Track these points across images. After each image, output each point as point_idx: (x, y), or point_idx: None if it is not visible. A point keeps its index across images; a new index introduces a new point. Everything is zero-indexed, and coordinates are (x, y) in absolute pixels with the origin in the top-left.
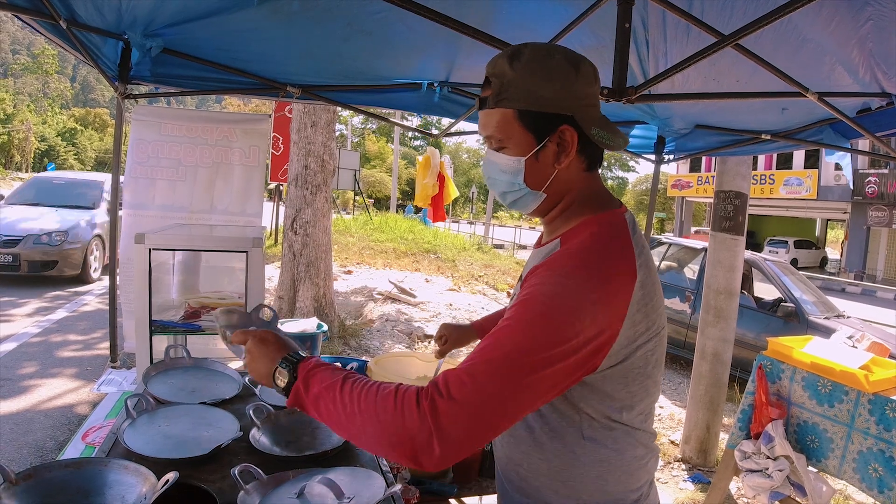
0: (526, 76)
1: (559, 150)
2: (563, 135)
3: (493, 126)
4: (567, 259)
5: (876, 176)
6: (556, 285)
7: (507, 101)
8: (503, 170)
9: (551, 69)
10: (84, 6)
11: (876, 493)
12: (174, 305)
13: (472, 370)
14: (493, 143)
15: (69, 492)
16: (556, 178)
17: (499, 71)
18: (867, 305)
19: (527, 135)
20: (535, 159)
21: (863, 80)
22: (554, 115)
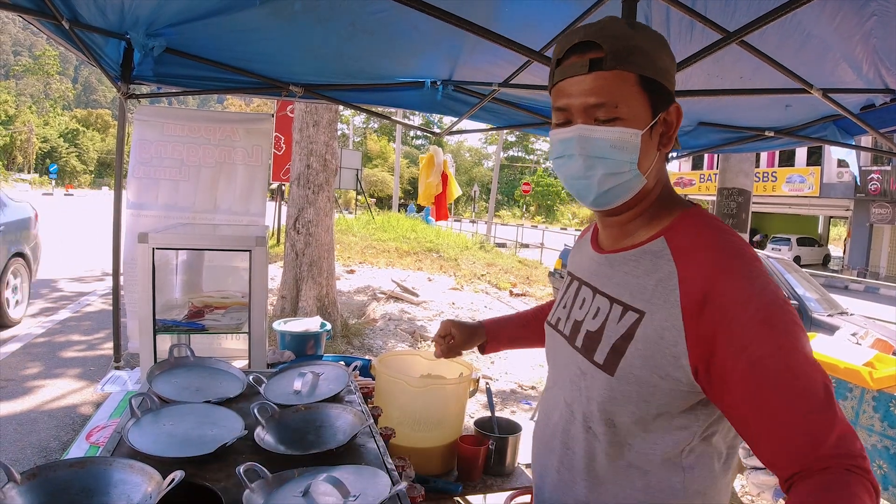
0: (650, 42)
1: (664, 131)
2: (669, 113)
3: (609, 91)
4: (738, 260)
5: (879, 173)
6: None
7: (633, 63)
8: (615, 145)
9: (664, 42)
10: (87, 6)
11: (880, 489)
12: (178, 305)
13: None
14: (601, 113)
15: (73, 491)
16: (654, 165)
17: (615, 32)
18: (870, 303)
19: (645, 105)
20: (649, 136)
21: (867, 76)
22: (667, 90)
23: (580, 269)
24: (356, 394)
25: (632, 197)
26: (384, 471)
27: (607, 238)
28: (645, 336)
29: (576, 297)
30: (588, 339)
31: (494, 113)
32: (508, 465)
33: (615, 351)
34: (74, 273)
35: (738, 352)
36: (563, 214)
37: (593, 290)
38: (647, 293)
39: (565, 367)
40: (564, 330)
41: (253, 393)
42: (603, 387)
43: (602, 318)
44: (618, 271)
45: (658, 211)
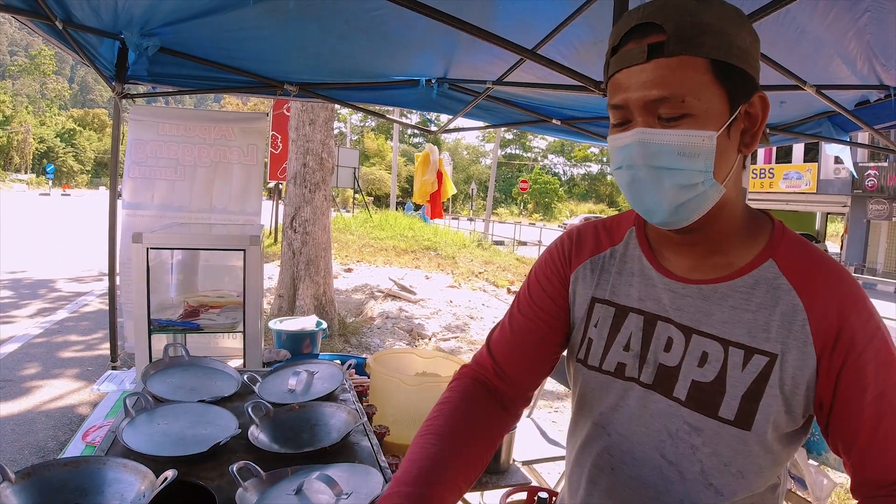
0: (723, 17)
1: (745, 128)
2: (753, 106)
3: (675, 83)
4: (854, 290)
5: (875, 169)
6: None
7: (702, 46)
8: (684, 151)
9: (742, 15)
10: (80, 7)
11: None
12: (173, 304)
13: None
14: (665, 110)
15: (68, 490)
16: (735, 169)
17: (679, 9)
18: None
19: (722, 97)
20: (727, 136)
21: (861, 72)
22: (749, 76)
23: (639, 300)
24: (350, 392)
25: (710, 211)
26: (377, 469)
27: (679, 261)
28: (781, 381)
29: (649, 337)
30: (701, 392)
31: (490, 111)
32: (503, 463)
33: (747, 402)
34: (72, 273)
35: (864, 386)
36: (560, 212)
37: (686, 330)
38: (771, 330)
39: (651, 420)
40: (642, 377)
41: (247, 392)
42: (735, 443)
43: (717, 365)
44: (722, 306)
45: (748, 226)
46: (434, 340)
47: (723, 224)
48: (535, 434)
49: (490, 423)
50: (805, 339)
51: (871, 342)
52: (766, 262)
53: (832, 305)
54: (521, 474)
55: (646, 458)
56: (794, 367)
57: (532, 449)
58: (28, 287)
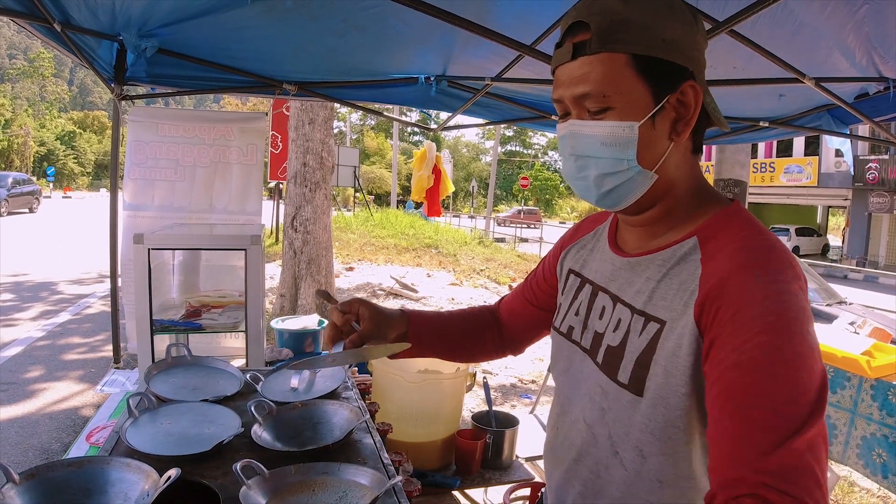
0: (645, 12)
1: (677, 117)
2: (684, 95)
3: (596, 79)
4: (765, 259)
5: (876, 162)
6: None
7: (620, 42)
8: (606, 142)
9: (673, 6)
10: (78, 8)
11: (880, 478)
12: (175, 305)
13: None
14: (590, 105)
15: (72, 490)
16: (668, 156)
17: (602, 8)
18: (869, 292)
19: (643, 90)
20: (652, 126)
21: (860, 64)
22: (677, 67)
23: (595, 272)
24: (353, 390)
25: (643, 195)
26: (381, 465)
27: (631, 240)
28: (665, 349)
29: (591, 305)
30: (609, 355)
31: (489, 108)
32: (506, 459)
33: (639, 367)
34: (74, 275)
35: (729, 351)
36: (561, 208)
37: (613, 299)
38: (669, 300)
39: (583, 383)
40: (583, 342)
41: (250, 391)
42: (629, 409)
43: (623, 330)
44: (640, 276)
45: (690, 209)
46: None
47: (667, 206)
48: (538, 430)
49: (484, 334)
50: (691, 303)
51: (749, 308)
52: (690, 238)
53: (722, 267)
54: (525, 470)
55: (575, 419)
56: (678, 334)
57: (535, 445)
58: (30, 290)
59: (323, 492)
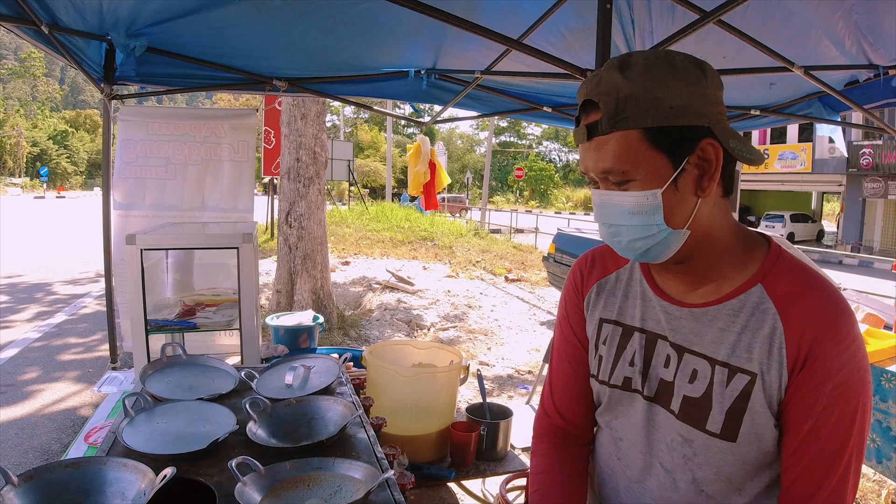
0: (648, 84)
1: (700, 173)
2: (704, 152)
3: (613, 157)
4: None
5: (870, 147)
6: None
7: (629, 120)
8: (633, 210)
9: (676, 70)
10: (65, 10)
11: (874, 462)
12: (169, 304)
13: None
14: (612, 178)
15: (70, 491)
16: (698, 210)
17: (608, 87)
18: (865, 277)
19: (660, 158)
20: (675, 189)
21: (849, 52)
22: (690, 129)
23: (642, 319)
24: (347, 385)
25: (680, 249)
26: (374, 459)
27: (677, 286)
28: (762, 398)
29: (650, 353)
30: (690, 406)
31: (481, 100)
32: (500, 450)
33: (732, 417)
34: (68, 276)
35: (809, 412)
36: (556, 198)
37: (678, 349)
38: (755, 352)
39: (660, 433)
40: (646, 391)
41: (245, 388)
42: (723, 454)
43: (704, 382)
44: (710, 327)
45: (737, 253)
46: (433, 331)
47: (708, 255)
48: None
49: (578, 466)
50: (782, 359)
51: (835, 375)
52: (754, 287)
53: (809, 329)
54: (520, 461)
55: (648, 465)
56: (773, 385)
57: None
58: (25, 291)
59: (317, 486)
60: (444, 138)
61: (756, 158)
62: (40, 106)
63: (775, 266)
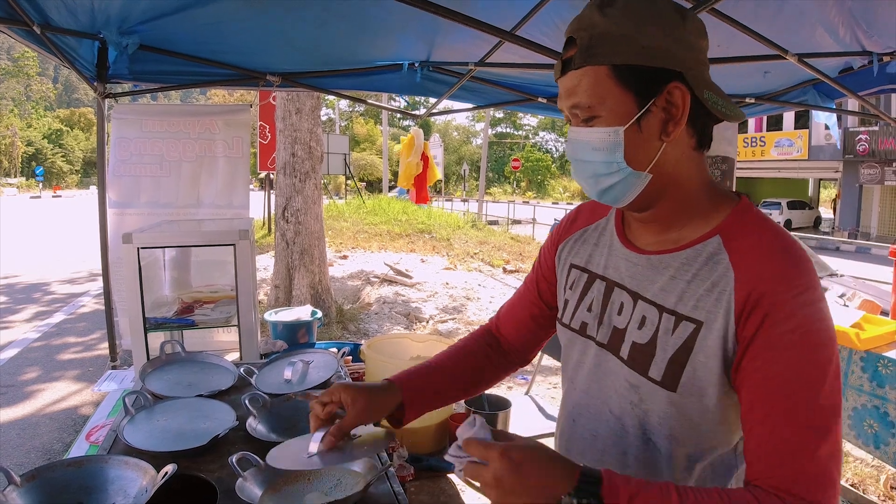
0: (623, 22)
1: (666, 118)
2: (671, 95)
3: (582, 91)
4: (793, 267)
5: (866, 133)
6: (814, 306)
7: (599, 55)
8: (596, 146)
9: (655, 11)
10: (56, 9)
11: (872, 448)
12: (167, 302)
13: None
14: (580, 114)
15: (72, 490)
16: (663, 155)
17: (586, 23)
18: (862, 263)
19: (626, 96)
20: (638, 129)
21: (843, 39)
22: (660, 70)
23: (606, 267)
24: (346, 379)
25: (643, 192)
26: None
27: (643, 236)
28: (705, 348)
29: (607, 300)
30: (637, 353)
31: (475, 92)
32: None
33: (673, 365)
34: (66, 275)
35: (764, 360)
36: (553, 189)
37: (633, 296)
38: (703, 301)
39: (606, 377)
40: (599, 337)
41: (245, 384)
42: (664, 403)
43: (651, 328)
44: (664, 275)
45: (704, 206)
46: (431, 323)
47: (672, 204)
48: (534, 410)
49: (483, 364)
50: (729, 308)
51: (786, 320)
52: (712, 238)
53: (759, 278)
54: None
55: (598, 412)
56: (718, 335)
57: (529, 425)
58: (23, 291)
59: (317, 480)
60: (441, 130)
61: (732, 115)
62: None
63: (738, 220)
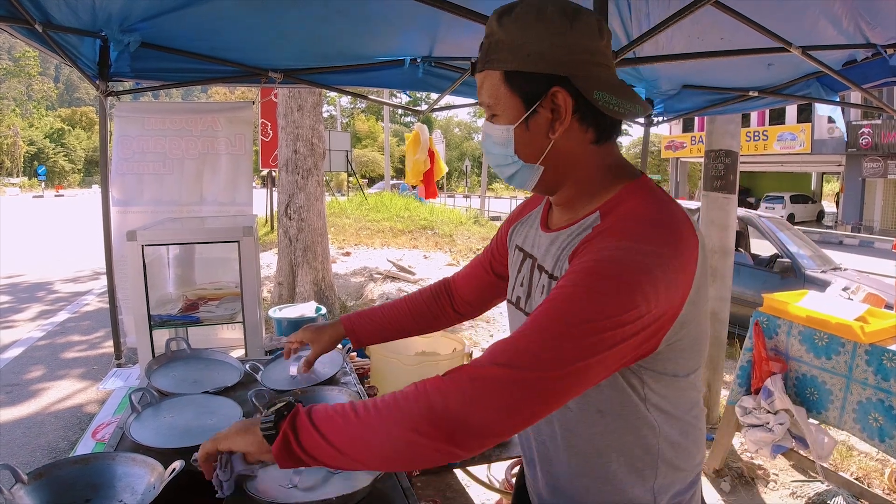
0: (514, 31)
1: (553, 117)
2: (554, 98)
3: (484, 92)
4: (634, 223)
5: (869, 127)
6: (626, 250)
7: (494, 61)
8: (496, 141)
9: (542, 20)
10: (58, 8)
11: (877, 441)
12: (172, 299)
13: (526, 336)
14: (486, 111)
15: (80, 487)
16: (554, 150)
17: (488, 31)
18: (865, 257)
19: (515, 99)
20: (526, 127)
21: (847, 31)
22: (543, 76)
23: (532, 247)
24: (351, 375)
25: (541, 180)
26: None
27: (554, 217)
28: None
29: (531, 275)
30: None
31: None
32: None
33: None
34: (69, 274)
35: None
36: None
37: (540, 269)
38: (564, 261)
39: None
40: (527, 308)
41: (250, 381)
42: None
43: (545, 295)
44: (554, 247)
45: (599, 188)
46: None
47: (572, 189)
48: None
49: (436, 313)
50: None
51: (591, 255)
52: (594, 213)
53: (598, 231)
54: None
55: None
56: None
57: None
58: (26, 290)
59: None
60: (442, 126)
61: (626, 112)
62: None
63: (623, 196)
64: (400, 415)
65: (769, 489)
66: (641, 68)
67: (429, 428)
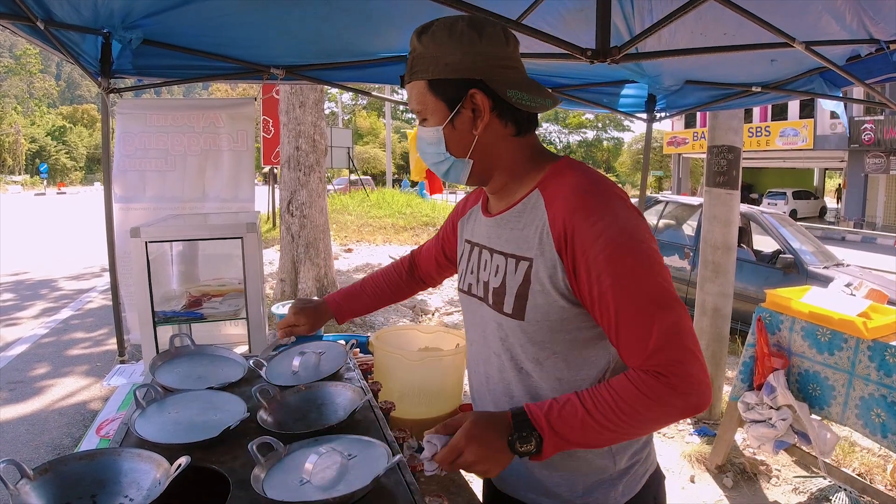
0: (431, 46)
1: (474, 116)
2: (473, 99)
3: (413, 100)
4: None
5: (872, 123)
6: (617, 226)
7: (417, 73)
8: (429, 142)
9: (453, 34)
10: (60, 5)
11: (880, 437)
12: (175, 295)
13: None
14: (418, 116)
15: (85, 483)
16: (479, 144)
17: (410, 48)
18: (868, 253)
19: (439, 103)
20: (453, 127)
21: (850, 26)
22: (461, 80)
23: (476, 235)
24: (355, 371)
25: (472, 173)
26: (384, 442)
27: (493, 204)
28: (539, 279)
29: (479, 261)
30: (496, 295)
31: None
32: None
33: (519, 298)
34: (73, 271)
35: (593, 282)
36: None
37: (490, 251)
38: (530, 241)
39: (486, 325)
40: (478, 293)
41: (254, 377)
42: (519, 332)
43: (502, 273)
44: (505, 229)
45: (528, 170)
46: (437, 315)
47: (502, 178)
48: None
49: (401, 284)
50: (549, 242)
51: (594, 242)
52: (533, 192)
53: (564, 213)
54: None
55: (486, 357)
56: (547, 266)
57: None
58: (30, 288)
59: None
60: None
61: (539, 105)
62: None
63: (554, 174)
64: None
65: (771, 485)
66: (644, 64)
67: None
